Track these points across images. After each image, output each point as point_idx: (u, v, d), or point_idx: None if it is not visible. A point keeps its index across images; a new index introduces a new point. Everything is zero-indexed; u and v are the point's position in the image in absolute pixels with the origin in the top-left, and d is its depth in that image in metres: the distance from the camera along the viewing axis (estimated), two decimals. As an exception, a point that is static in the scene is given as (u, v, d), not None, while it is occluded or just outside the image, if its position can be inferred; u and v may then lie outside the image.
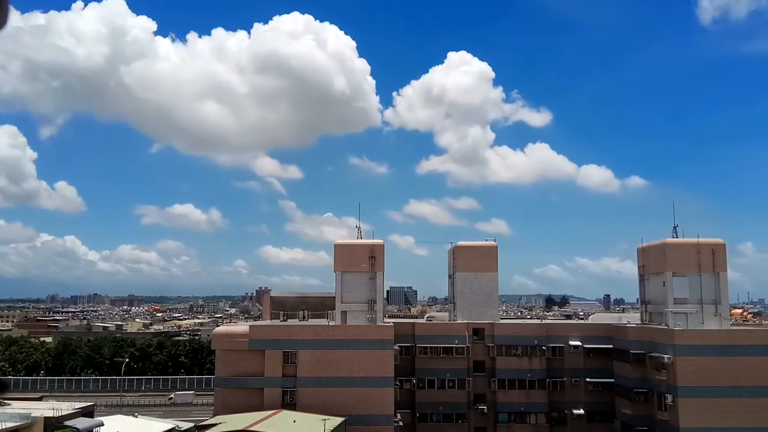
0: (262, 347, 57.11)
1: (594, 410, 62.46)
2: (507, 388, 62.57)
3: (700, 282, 57.99)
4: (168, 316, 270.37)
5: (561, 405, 62.85)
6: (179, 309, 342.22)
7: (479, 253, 66.99)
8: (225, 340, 59.24)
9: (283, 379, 56.66)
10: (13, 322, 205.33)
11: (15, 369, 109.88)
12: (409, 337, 62.58)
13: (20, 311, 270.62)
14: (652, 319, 62.22)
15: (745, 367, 53.72)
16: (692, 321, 57.42)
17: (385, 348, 56.95)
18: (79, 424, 49.01)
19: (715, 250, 58.69)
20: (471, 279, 66.02)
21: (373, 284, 59.98)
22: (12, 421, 45.10)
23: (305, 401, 55.13)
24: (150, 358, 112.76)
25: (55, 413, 48.81)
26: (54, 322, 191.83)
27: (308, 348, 57.02)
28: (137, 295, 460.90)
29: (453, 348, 61.96)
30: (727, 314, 61.14)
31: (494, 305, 67.28)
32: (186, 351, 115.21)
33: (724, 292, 58.35)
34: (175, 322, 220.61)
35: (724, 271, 58.60)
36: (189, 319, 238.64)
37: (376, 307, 59.71)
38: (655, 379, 56.31)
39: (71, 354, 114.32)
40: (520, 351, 63.14)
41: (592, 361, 63.24)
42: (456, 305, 67.32)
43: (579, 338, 63.69)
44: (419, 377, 62.20)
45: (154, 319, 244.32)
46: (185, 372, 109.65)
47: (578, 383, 62.98)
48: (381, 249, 61.23)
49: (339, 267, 60.66)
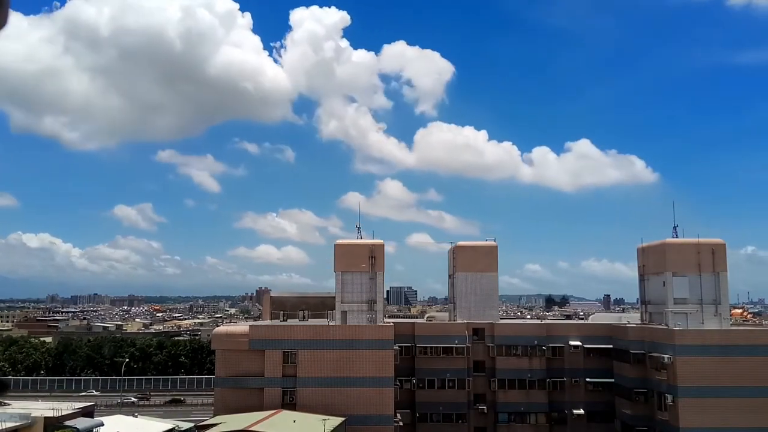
0: (262, 347, 57.11)
1: (594, 410, 62.42)
2: (507, 388, 62.54)
3: (700, 282, 58.00)
4: (168, 316, 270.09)
5: (561, 405, 62.82)
6: (179, 309, 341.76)
7: (479, 253, 66.98)
8: (225, 340, 59.23)
9: (283, 379, 56.65)
10: (13, 322, 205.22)
11: (15, 369, 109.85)
12: (409, 337, 62.54)
13: (20, 311, 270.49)
14: (652, 319, 62.21)
15: (745, 367, 53.70)
16: (692, 321, 57.43)
17: (385, 348, 56.93)
18: (79, 424, 49.06)
19: (715, 250, 58.70)
20: (471, 279, 66.02)
21: (373, 284, 59.97)
22: (12, 421, 45.17)
23: (305, 401, 55.12)
24: (150, 358, 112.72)
25: (55, 413, 48.88)
26: (54, 322, 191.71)
27: (308, 348, 57.01)
28: (137, 295, 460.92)
29: (453, 348, 61.94)
30: (727, 314, 61.15)
31: (494, 305, 67.27)
32: (186, 351, 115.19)
33: (724, 292, 58.35)
34: (175, 322, 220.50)
35: (724, 271, 58.59)
36: (189, 319, 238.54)
37: (376, 307, 59.71)
38: (655, 379, 56.29)
39: (71, 354, 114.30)
40: (520, 351, 63.11)
41: (592, 361, 63.22)
42: (456, 305, 67.31)
43: (579, 338, 63.66)
44: (419, 377, 62.17)
45: (154, 319, 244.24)
46: (185, 372, 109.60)
47: (578, 383, 62.95)
48: (381, 249, 61.22)
49: (339, 267, 60.65)
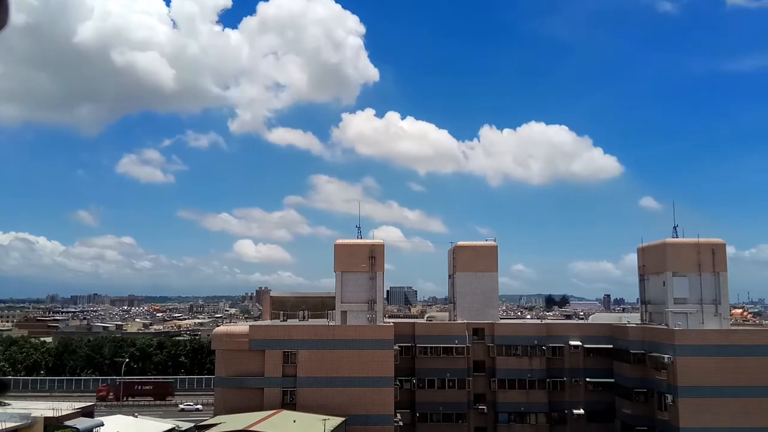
0: (262, 347, 57.13)
1: (594, 410, 62.43)
2: (507, 388, 62.54)
3: (700, 282, 58.01)
4: (168, 316, 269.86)
5: (561, 405, 62.82)
6: (179, 309, 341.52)
7: (479, 253, 66.97)
8: (225, 340, 59.23)
9: (283, 379, 56.68)
10: (13, 322, 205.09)
11: (15, 369, 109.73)
12: (409, 337, 62.53)
13: (20, 311, 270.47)
14: (652, 319, 62.20)
15: (745, 367, 53.70)
16: (692, 321, 57.44)
17: (385, 348, 56.93)
18: (79, 424, 49.11)
19: (715, 250, 58.71)
20: (471, 279, 66.02)
21: (373, 284, 59.97)
22: (12, 421, 45.17)
23: (305, 401, 55.12)
24: (150, 358, 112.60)
25: (55, 413, 48.91)
26: (54, 322, 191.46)
27: (308, 348, 57.01)
28: (137, 295, 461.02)
29: (453, 348, 61.93)
30: (727, 314, 61.17)
31: (494, 305, 67.28)
32: (186, 351, 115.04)
33: (724, 292, 58.35)
34: (175, 322, 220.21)
35: (724, 270, 58.59)
36: (189, 319, 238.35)
37: (376, 307, 59.72)
38: (655, 379, 56.28)
39: (71, 354, 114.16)
40: (520, 351, 63.11)
41: (592, 361, 63.23)
42: (456, 305, 67.32)
43: (579, 338, 63.66)
44: (419, 377, 62.16)
45: (154, 319, 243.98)
46: (185, 372, 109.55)
47: (578, 383, 62.96)
48: (381, 249, 61.21)
49: (339, 267, 60.66)
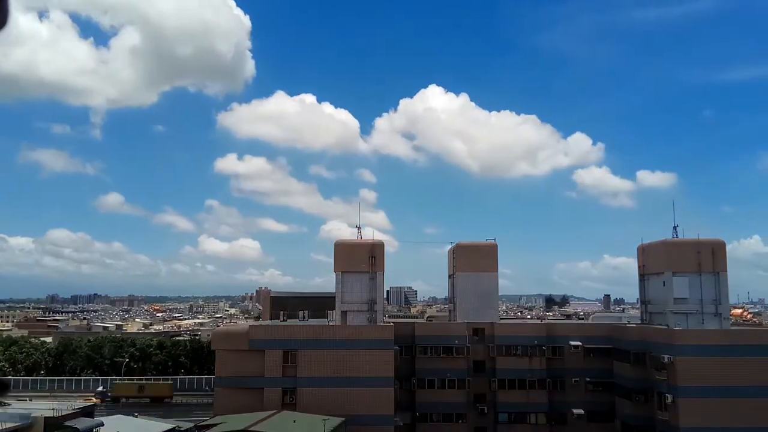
0: (262, 347, 57.10)
1: (594, 410, 62.38)
2: (507, 388, 62.51)
3: (700, 282, 57.95)
4: (168, 316, 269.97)
5: (561, 405, 62.79)
6: (179, 309, 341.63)
7: (479, 252, 66.94)
8: (225, 340, 59.26)
9: (283, 379, 56.66)
10: (13, 322, 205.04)
11: (15, 369, 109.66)
12: (409, 337, 62.51)
13: (20, 311, 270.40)
14: (652, 319, 62.15)
15: (745, 367, 53.63)
16: (692, 321, 57.41)
17: (385, 348, 56.91)
18: (79, 424, 49.08)
19: (715, 250, 58.64)
20: (471, 279, 65.99)
21: (373, 284, 59.94)
22: (12, 421, 45.18)
23: (305, 401, 55.11)
24: (150, 358, 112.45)
25: (55, 413, 48.91)
26: (54, 322, 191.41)
27: (308, 348, 57.00)
28: (137, 295, 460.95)
29: (453, 348, 61.91)
30: (727, 314, 61.17)
31: (494, 305, 67.25)
32: (186, 351, 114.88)
33: (724, 292, 58.28)
34: (175, 322, 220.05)
35: (724, 270, 58.51)
36: (189, 319, 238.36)
37: (376, 307, 59.69)
38: (655, 379, 56.24)
39: (71, 354, 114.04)
40: (520, 351, 63.08)
41: (592, 361, 63.20)
42: (456, 305, 67.30)
43: (579, 338, 63.61)
44: (419, 377, 62.14)
45: (154, 319, 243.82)
46: (185, 372, 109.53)
47: (578, 383, 62.93)
48: (381, 249, 61.18)
49: (339, 267, 60.63)
